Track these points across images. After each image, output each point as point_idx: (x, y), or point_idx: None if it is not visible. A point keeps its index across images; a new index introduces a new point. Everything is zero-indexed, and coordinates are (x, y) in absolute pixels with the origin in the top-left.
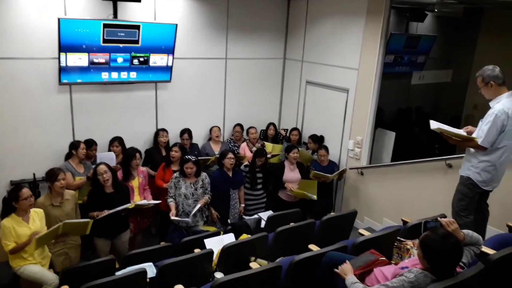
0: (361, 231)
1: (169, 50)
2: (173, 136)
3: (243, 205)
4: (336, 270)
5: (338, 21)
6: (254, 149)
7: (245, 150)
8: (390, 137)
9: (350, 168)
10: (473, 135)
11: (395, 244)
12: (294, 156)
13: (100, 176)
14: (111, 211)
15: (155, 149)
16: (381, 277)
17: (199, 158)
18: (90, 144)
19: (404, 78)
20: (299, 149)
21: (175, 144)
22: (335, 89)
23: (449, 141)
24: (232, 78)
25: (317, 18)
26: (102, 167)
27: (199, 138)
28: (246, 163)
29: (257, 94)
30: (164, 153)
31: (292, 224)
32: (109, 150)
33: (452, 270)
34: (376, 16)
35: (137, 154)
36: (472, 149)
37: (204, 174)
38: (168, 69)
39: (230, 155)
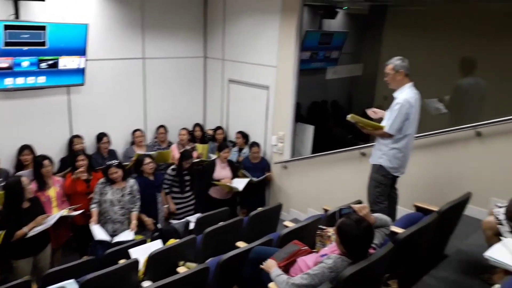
0: (286, 223)
1: (81, 51)
2: (90, 142)
3: (166, 206)
4: (261, 266)
5: (255, 19)
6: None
7: (175, 152)
8: (309, 130)
9: (275, 163)
10: (382, 124)
11: (317, 232)
12: (225, 156)
13: (27, 188)
14: (46, 225)
15: (70, 157)
16: (304, 266)
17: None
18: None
19: (320, 73)
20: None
21: (78, 154)
22: (256, 86)
23: (362, 131)
24: (151, 79)
25: (234, 16)
26: (27, 179)
27: (119, 143)
28: (173, 166)
29: (180, 94)
30: None
31: (220, 223)
32: (18, 161)
33: (365, 252)
34: (290, 14)
35: (46, 161)
36: (381, 139)
37: (132, 181)
38: (81, 71)
39: (147, 159)
